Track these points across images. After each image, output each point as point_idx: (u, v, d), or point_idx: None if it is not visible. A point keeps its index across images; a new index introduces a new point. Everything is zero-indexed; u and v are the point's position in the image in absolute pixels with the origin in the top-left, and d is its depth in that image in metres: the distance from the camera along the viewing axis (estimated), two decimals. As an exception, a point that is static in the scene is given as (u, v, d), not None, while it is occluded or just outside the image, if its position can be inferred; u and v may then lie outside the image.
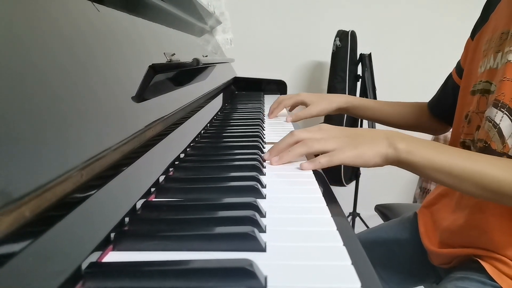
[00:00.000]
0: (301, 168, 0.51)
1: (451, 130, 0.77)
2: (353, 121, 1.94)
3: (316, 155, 0.53)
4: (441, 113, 0.85)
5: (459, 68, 0.78)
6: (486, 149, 0.58)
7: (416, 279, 0.79)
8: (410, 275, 0.78)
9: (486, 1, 0.70)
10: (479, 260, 0.59)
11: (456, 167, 0.48)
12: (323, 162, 0.49)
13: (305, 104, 0.91)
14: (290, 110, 1.01)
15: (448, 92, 0.81)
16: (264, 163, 0.55)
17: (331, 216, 0.37)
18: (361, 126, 1.97)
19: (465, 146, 0.67)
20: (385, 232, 0.83)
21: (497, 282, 0.55)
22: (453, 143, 0.73)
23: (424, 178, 2.04)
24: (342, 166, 1.89)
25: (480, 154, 0.51)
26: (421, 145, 0.50)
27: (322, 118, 1.93)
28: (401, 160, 0.50)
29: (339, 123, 1.90)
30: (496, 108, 0.57)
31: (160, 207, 0.38)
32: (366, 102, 0.93)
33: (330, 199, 0.44)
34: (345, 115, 1.88)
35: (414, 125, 0.91)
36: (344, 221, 0.37)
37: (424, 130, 0.92)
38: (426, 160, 0.49)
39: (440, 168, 0.49)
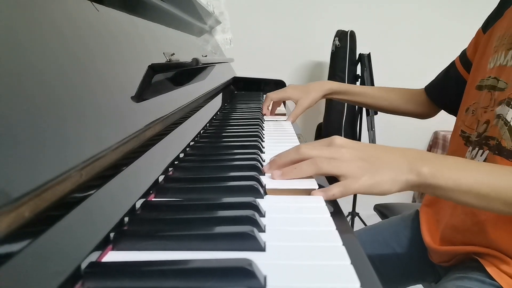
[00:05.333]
0: (312, 194, 0.43)
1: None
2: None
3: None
4: (437, 97, 0.88)
5: (464, 58, 0.79)
6: (497, 147, 0.59)
7: (415, 277, 0.80)
8: (409, 272, 0.79)
9: None
10: (478, 258, 0.59)
11: (484, 187, 0.44)
12: (336, 194, 0.42)
13: (293, 100, 0.96)
14: (278, 105, 1.07)
15: (449, 78, 0.83)
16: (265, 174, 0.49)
17: (331, 215, 0.37)
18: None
19: (464, 137, 0.69)
20: (385, 228, 0.83)
21: (496, 281, 0.56)
22: (454, 133, 0.74)
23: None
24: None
25: (500, 166, 0.47)
26: (445, 166, 0.45)
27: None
28: (425, 185, 0.44)
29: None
30: (508, 106, 0.58)
31: (160, 207, 0.38)
32: (350, 87, 0.96)
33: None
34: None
35: (402, 110, 0.94)
36: (344, 220, 0.37)
37: (412, 115, 0.95)
38: (452, 182, 0.44)
39: (468, 189, 0.44)
